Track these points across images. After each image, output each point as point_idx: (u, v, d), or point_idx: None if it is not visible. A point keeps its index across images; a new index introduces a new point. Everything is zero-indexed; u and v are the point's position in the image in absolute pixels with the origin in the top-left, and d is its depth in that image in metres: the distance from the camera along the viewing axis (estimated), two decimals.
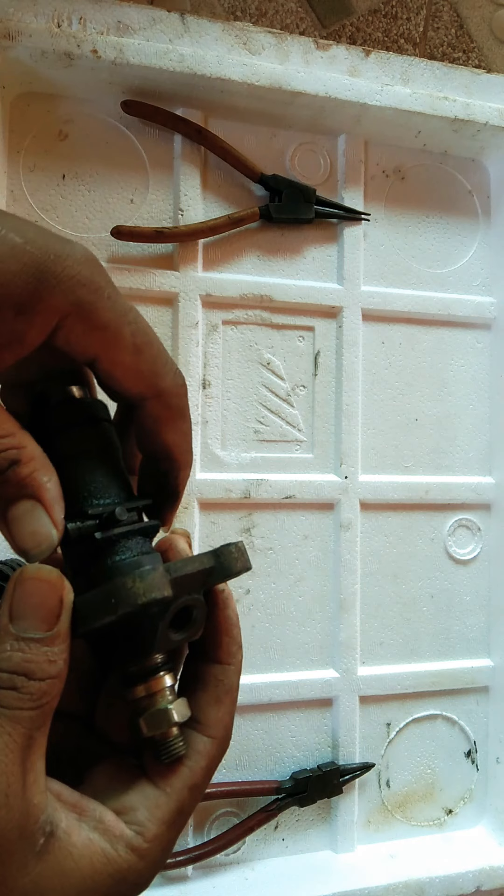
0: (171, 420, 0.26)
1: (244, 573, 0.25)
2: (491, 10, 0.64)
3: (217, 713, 0.25)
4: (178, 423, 0.26)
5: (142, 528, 0.25)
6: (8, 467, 0.22)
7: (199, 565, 0.24)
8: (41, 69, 0.49)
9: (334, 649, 0.57)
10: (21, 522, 0.23)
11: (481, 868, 0.56)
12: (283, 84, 0.52)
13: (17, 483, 0.22)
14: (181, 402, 0.26)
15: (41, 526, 0.23)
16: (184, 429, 0.26)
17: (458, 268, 0.62)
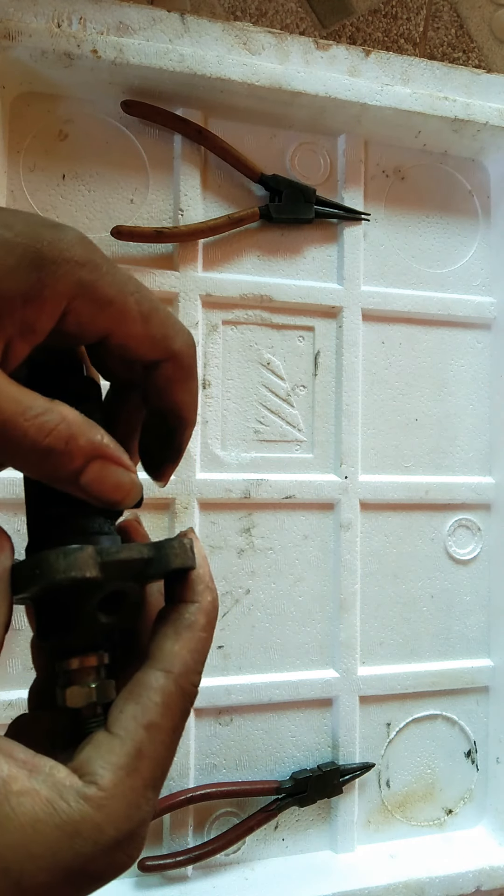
0: (182, 380, 0.26)
1: (186, 569, 0.25)
2: (491, 10, 0.64)
3: (173, 646, 0.24)
4: (189, 383, 0.27)
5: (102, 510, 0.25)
6: (65, 445, 0.22)
7: (136, 554, 0.24)
8: (41, 69, 0.49)
9: (334, 649, 0.57)
10: (100, 482, 0.23)
11: (481, 868, 0.56)
12: (283, 84, 0.52)
13: (80, 455, 0.23)
14: (192, 363, 0.26)
15: (120, 476, 0.24)
16: (193, 388, 0.27)
17: (458, 268, 0.62)
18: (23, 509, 0.27)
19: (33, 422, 0.22)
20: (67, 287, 0.22)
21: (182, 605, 0.25)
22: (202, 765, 0.53)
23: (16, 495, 0.49)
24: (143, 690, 0.23)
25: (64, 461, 0.22)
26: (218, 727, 0.55)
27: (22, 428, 0.22)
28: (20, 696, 0.49)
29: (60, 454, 0.22)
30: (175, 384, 0.26)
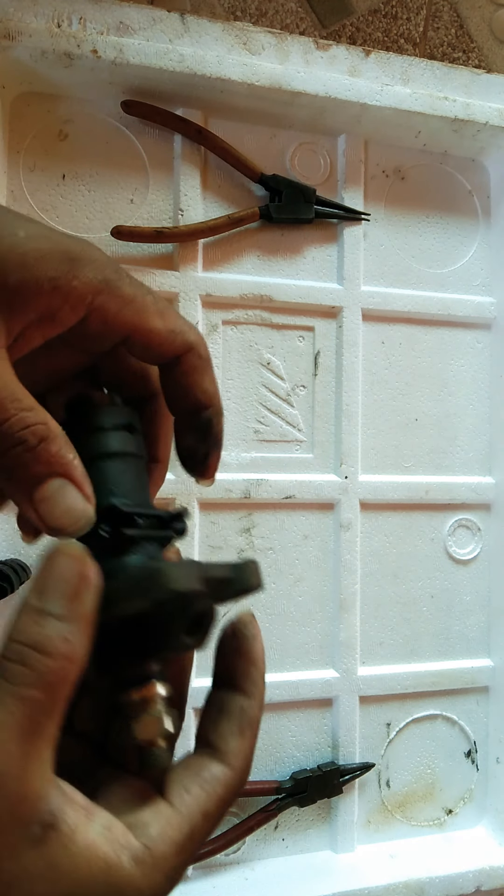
0: (205, 369, 0.27)
1: (257, 593, 0.25)
2: (491, 10, 0.64)
3: (240, 744, 0.25)
4: (210, 372, 0.28)
5: (161, 537, 0.25)
6: (38, 444, 0.22)
7: (222, 572, 0.24)
8: (41, 69, 0.49)
9: (334, 649, 0.57)
10: (53, 501, 0.23)
11: (481, 868, 0.56)
12: (283, 84, 0.52)
13: (46, 461, 0.22)
14: (207, 351, 0.28)
15: (75, 502, 0.23)
16: (214, 377, 0.28)
17: (458, 268, 0.62)
18: None
19: (17, 411, 0.22)
20: (94, 281, 0.23)
21: (244, 699, 0.25)
22: None
23: None
24: (211, 780, 0.24)
25: (28, 460, 0.22)
26: None
27: (5, 412, 0.22)
28: None
29: (28, 451, 0.22)
30: (199, 374, 0.27)
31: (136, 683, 0.24)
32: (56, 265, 0.23)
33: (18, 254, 0.22)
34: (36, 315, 0.23)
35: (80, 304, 0.23)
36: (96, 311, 0.24)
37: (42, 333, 0.24)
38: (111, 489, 0.25)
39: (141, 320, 0.25)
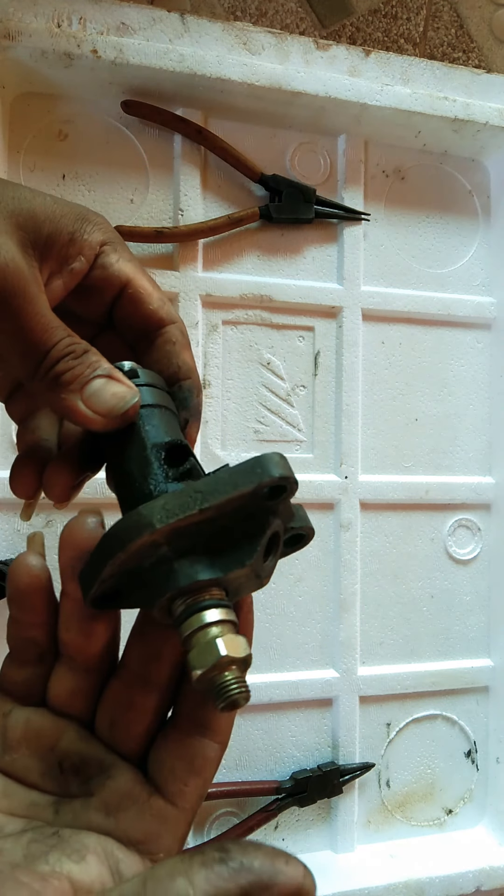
0: (186, 345, 0.30)
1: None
2: (491, 10, 0.64)
3: (227, 716, 0.25)
4: (190, 350, 0.31)
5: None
6: (83, 353, 0.26)
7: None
8: (41, 69, 0.49)
9: (334, 649, 0.57)
10: (102, 391, 0.26)
11: (481, 868, 0.56)
12: (283, 84, 0.52)
13: (90, 364, 0.26)
14: (188, 335, 0.31)
15: (120, 388, 0.26)
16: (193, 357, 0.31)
17: (458, 268, 0.62)
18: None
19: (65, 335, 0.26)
20: (101, 237, 0.28)
21: None
22: None
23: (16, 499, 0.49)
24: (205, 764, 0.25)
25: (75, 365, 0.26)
26: None
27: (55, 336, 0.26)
28: None
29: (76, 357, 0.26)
30: (181, 347, 0.30)
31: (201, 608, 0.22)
32: (73, 222, 0.27)
33: (49, 210, 0.27)
34: (57, 263, 0.27)
35: (89, 255, 0.28)
36: (100, 259, 0.28)
37: (63, 284, 0.27)
38: (167, 432, 0.26)
39: (135, 275, 0.29)
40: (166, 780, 0.24)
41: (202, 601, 0.22)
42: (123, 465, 0.26)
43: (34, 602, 0.26)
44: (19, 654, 0.27)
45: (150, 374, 0.28)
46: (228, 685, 0.21)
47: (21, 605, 0.26)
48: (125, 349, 0.31)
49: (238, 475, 0.22)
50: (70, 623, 0.26)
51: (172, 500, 0.22)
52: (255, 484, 0.22)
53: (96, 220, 0.28)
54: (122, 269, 0.29)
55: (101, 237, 0.28)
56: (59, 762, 0.25)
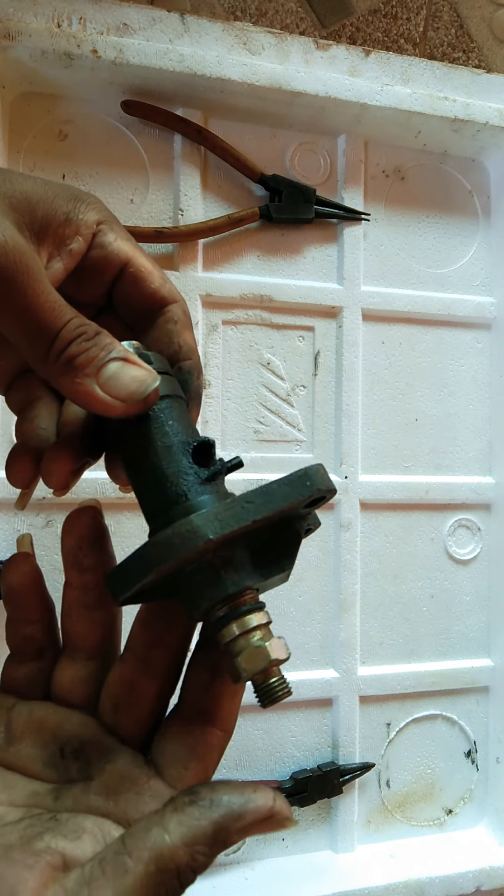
0: (188, 325, 0.29)
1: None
2: (491, 10, 0.64)
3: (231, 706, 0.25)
4: (191, 330, 0.30)
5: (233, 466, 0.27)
6: (95, 334, 0.25)
7: None
8: (41, 69, 0.49)
9: (334, 649, 0.57)
10: (119, 375, 0.25)
11: (481, 868, 0.56)
12: (283, 84, 0.52)
13: (104, 346, 0.25)
14: (189, 314, 0.30)
15: (139, 371, 0.25)
16: (194, 337, 0.30)
17: (458, 268, 0.62)
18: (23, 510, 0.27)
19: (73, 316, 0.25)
20: (96, 216, 0.28)
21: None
22: None
23: (16, 495, 0.49)
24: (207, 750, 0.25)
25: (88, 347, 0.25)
26: None
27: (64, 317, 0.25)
28: None
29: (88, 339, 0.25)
30: (183, 326, 0.29)
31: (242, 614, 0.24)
32: (66, 202, 0.27)
33: (41, 192, 0.26)
34: (54, 245, 0.26)
35: (87, 234, 0.27)
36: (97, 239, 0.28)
37: (63, 266, 0.27)
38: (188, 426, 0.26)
39: (134, 253, 0.28)
40: (167, 763, 0.24)
41: (243, 606, 0.24)
42: (149, 458, 0.25)
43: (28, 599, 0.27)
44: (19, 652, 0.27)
45: (158, 358, 0.27)
46: (274, 686, 0.23)
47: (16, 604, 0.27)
48: (124, 331, 0.30)
49: (287, 487, 0.23)
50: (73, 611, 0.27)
51: (225, 511, 0.22)
52: (306, 497, 0.23)
53: (89, 200, 0.28)
54: (120, 247, 0.28)
55: (97, 216, 0.28)
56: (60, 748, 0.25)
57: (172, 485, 0.25)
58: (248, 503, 0.22)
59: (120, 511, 0.51)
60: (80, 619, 0.27)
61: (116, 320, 0.30)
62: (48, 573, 0.51)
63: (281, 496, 0.22)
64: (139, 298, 0.29)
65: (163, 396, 0.26)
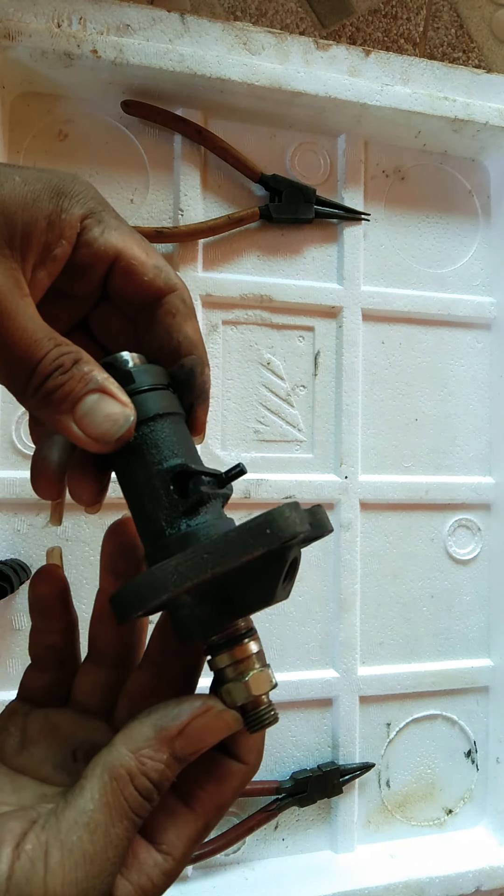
0: (189, 315, 0.28)
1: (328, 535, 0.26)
2: (491, 10, 0.64)
3: (252, 740, 0.26)
4: (193, 320, 0.28)
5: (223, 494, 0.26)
6: (73, 365, 0.24)
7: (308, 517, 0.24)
8: (41, 69, 0.49)
9: (334, 649, 0.57)
10: (94, 412, 0.24)
11: (481, 868, 0.56)
12: (283, 84, 0.52)
13: (81, 378, 0.24)
14: (191, 301, 0.28)
15: (114, 408, 0.24)
16: (198, 327, 0.28)
17: (458, 268, 0.62)
18: (23, 509, 0.27)
19: (53, 346, 0.24)
20: (81, 211, 0.25)
21: None
22: None
23: (16, 495, 0.49)
24: (226, 777, 0.25)
25: (65, 381, 0.24)
26: None
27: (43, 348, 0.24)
28: None
29: (65, 372, 0.24)
30: (182, 318, 0.27)
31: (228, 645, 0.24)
32: (48, 202, 0.24)
33: (20, 197, 0.24)
34: (38, 254, 0.24)
35: (70, 235, 0.25)
36: (83, 237, 0.25)
37: (47, 272, 0.25)
38: (172, 450, 0.25)
39: (125, 246, 0.26)
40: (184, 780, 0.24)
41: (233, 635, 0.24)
42: (131, 488, 0.25)
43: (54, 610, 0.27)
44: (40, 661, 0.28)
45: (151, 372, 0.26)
46: (260, 715, 0.24)
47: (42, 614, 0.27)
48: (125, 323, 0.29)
49: (248, 535, 0.22)
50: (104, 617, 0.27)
51: (185, 563, 0.22)
52: (265, 549, 0.22)
53: (73, 191, 0.25)
54: (108, 241, 0.26)
55: (81, 211, 0.25)
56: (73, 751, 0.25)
57: (154, 519, 0.25)
58: (207, 554, 0.22)
59: None
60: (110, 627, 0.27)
61: (116, 311, 0.28)
62: None
63: (240, 546, 0.22)
64: (133, 292, 0.27)
65: (149, 420, 0.25)
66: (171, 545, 0.24)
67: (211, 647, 0.24)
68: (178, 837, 0.23)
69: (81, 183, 0.26)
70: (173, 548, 0.24)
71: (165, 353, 0.27)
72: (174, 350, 0.27)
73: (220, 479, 0.25)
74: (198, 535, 0.24)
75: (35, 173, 0.25)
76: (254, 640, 0.25)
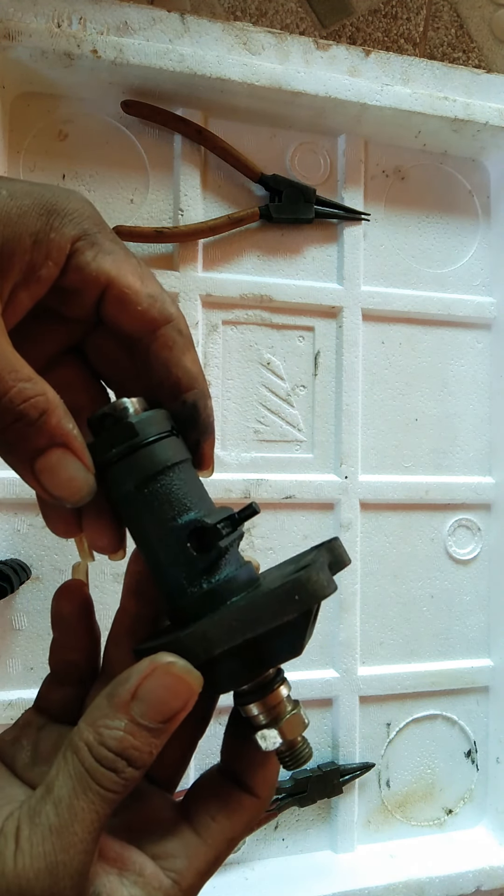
0: (186, 346, 0.26)
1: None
2: (491, 10, 0.64)
3: (266, 775, 0.25)
4: (192, 351, 0.26)
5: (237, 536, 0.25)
6: (38, 417, 0.22)
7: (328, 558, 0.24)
8: (41, 69, 0.49)
9: (334, 649, 0.57)
10: (55, 471, 0.23)
11: (481, 868, 0.56)
12: (283, 84, 0.52)
13: (46, 433, 0.22)
14: (188, 330, 0.26)
15: (77, 472, 0.23)
16: (197, 358, 0.27)
17: (458, 268, 0.62)
18: (23, 509, 0.27)
19: (16, 382, 0.22)
20: (72, 231, 0.23)
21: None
22: (202, 765, 0.53)
23: (16, 495, 0.49)
24: (239, 810, 0.25)
25: (29, 434, 0.22)
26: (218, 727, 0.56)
27: (4, 385, 0.22)
28: (20, 696, 0.49)
29: (29, 424, 0.22)
30: (179, 350, 0.26)
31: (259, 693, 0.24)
32: (36, 219, 0.23)
33: (2, 213, 0.22)
34: (21, 273, 0.23)
35: (58, 257, 0.23)
36: (73, 261, 0.24)
37: (29, 293, 0.23)
38: (186, 503, 0.24)
39: (118, 273, 0.24)
40: (196, 810, 0.24)
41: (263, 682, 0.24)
42: (145, 544, 0.25)
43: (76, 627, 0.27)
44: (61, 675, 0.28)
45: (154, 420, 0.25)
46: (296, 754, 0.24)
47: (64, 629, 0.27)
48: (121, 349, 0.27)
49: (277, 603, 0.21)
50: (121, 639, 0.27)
51: (213, 630, 0.22)
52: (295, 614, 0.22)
53: (67, 210, 0.23)
54: (100, 267, 0.24)
55: (73, 231, 0.24)
56: None
57: (170, 578, 0.24)
58: (236, 622, 0.22)
59: None
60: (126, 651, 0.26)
61: (112, 338, 0.27)
62: (48, 573, 0.51)
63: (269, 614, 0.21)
64: (126, 322, 0.25)
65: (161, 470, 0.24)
66: (193, 605, 0.24)
67: (240, 695, 0.25)
68: (188, 867, 0.23)
69: (77, 200, 0.24)
70: (197, 608, 0.23)
71: (166, 388, 0.26)
72: (174, 385, 0.26)
73: (234, 521, 0.25)
74: (221, 595, 0.23)
75: (26, 187, 0.23)
76: (283, 685, 0.25)
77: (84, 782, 0.21)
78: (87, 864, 0.20)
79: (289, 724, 0.24)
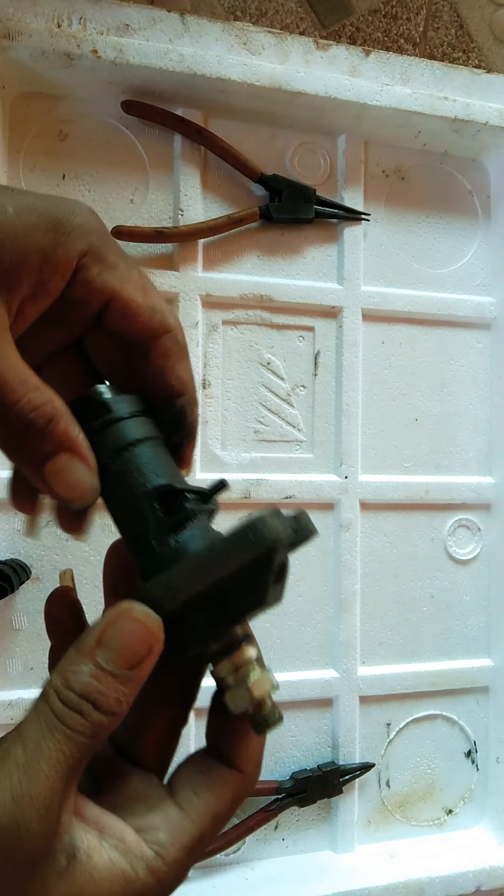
0: (181, 356, 0.28)
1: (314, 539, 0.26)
2: (491, 10, 0.64)
3: (249, 748, 0.25)
4: (186, 360, 0.28)
5: (208, 510, 0.26)
6: (46, 424, 0.23)
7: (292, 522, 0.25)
8: (41, 69, 0.49)
9: (334, 649, 0.57)
10: (61, 475, 0.24)
11: (481, 868, 0.56)
12: (283, 84, 0.52)
13: (54, 439, 0.24)
14: (185, 340, 0.28)
15: (82, 475, 0.24)
16: (190, 367, 0.28)
17: (458, 268, 0.62)
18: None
19: (25, 392, 0.23)
20: (79, 247, 0.24)
21: None
22: None
23: None
24: (222, 785, 0.25)
25: (38, 440, 0.23)
26: None
27: (15, 395, 0.23)
28: (20, 697, 0.48)
29: (38, 432, 0.23)
30: (174, 360, 0.27)
31: (230, 649, 0.24)
32: (44, 235, 0.23)
33: (10, 231, 0.23)
34: (29, 289, 0.24)
35: (67, 269, 0.24)
36: (79, 275, 0.25)
37: (36, 307, 0.24)
38: (154, 472, 0.26)
39: (122, 287, 0.26)
40: (180, 785, 0.24)
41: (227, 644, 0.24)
42: (117, 511, 0.26)
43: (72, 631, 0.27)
44: None
45: (128, 400, 0.27)
46: (265, 716, 0.24)
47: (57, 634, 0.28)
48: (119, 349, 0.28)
49: (232, 545, 0.22)
50: None
51: (175, 578, 0.23)
52: (251, 556, 0.22)
53: (73, 224, 0.24)
54: (105, 282, 0.25)
55: (80, 247, 0.24)
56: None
57: (140, 539, 0.25)
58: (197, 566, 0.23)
59: None
60: None
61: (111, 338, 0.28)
62: (48, 573, 0.51)
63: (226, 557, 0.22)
64: (126, 332, 0.27)
65: (133, 442, 0.26)
66: (161, 561, 0.24)
67: (211, 657, 0.25)
68: (172, 841, 0.23)
69: (82, 213, 0.25)
70: (164, 563, 0.24)
71: (160, 394, 0.28)
72: (167, 391, 0.28)
73: (204, 496, 0.26)
74: (186, 549, 0.24)
75: (31, 201, 0.24)
76: (251, 645, 0.25)
77: (51, 723, 0.21)
78: (55, 801, 0.20)
79: (256, 684, 0.24)
